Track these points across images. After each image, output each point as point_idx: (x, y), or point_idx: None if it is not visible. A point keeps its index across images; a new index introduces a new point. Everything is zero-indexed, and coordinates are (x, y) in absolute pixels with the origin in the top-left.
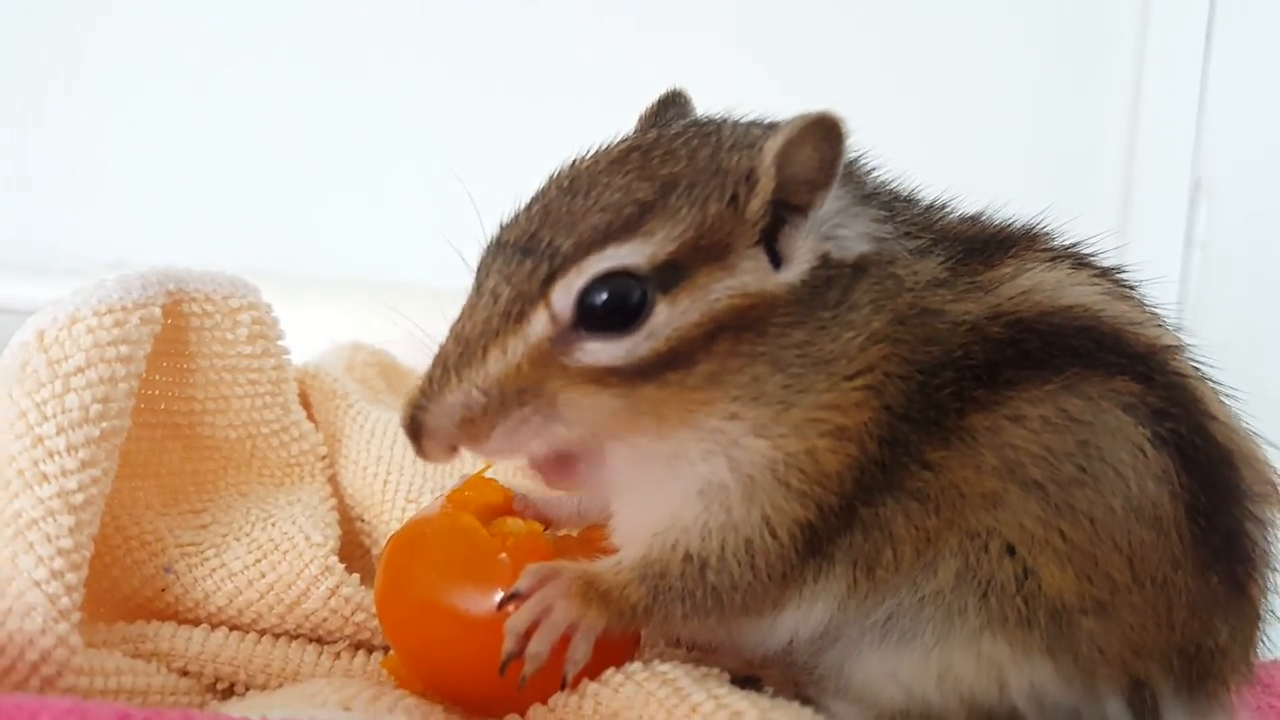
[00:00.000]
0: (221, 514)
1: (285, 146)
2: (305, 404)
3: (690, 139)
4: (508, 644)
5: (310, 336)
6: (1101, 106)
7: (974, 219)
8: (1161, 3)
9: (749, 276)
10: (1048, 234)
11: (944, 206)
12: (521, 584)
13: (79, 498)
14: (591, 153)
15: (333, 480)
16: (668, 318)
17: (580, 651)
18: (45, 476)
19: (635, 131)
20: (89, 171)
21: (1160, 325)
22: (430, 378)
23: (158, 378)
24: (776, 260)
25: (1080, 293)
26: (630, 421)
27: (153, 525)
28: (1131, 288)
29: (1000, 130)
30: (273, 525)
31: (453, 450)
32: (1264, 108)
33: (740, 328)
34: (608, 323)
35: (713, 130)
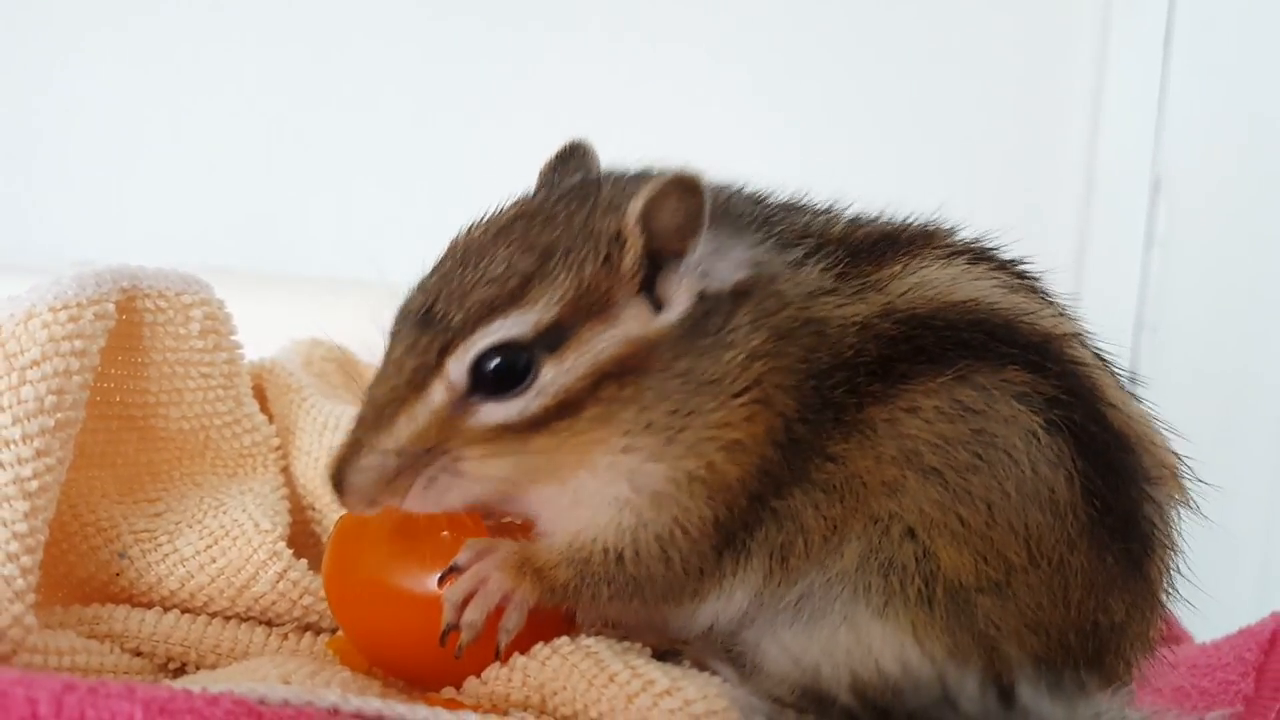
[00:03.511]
0: (175, 502)
1: (254, 147)
2: (261, 397)
3: (570, 202)
4: (446, 615)
5: (277, 333)
6: (1062, 105)
7: (865, 220)
8: (1122, 3)
9: (631, 324)
10: (947, 231)
11: (829, 211)
12: (460, 558)
13: (34, 484)
14: (486, 220)
15: (285, 471)
16: (554, 376)
17: (513, 621)
18: (1, 465)
19: (532, 190)
20: (56, 170)
21: (1058, 314)
22: (350, 439)
23: (113, 371)
24: (658, 304)
25: (974, 287)
26: (529, 473)
27: (108, 513)
28: (1032, 279)
29: (960, 129)
30: (224, 513)
31: (373, 504)
32: (1223, 106)
33: (623, 372)
34: (498, 387)
35: (591, 192)
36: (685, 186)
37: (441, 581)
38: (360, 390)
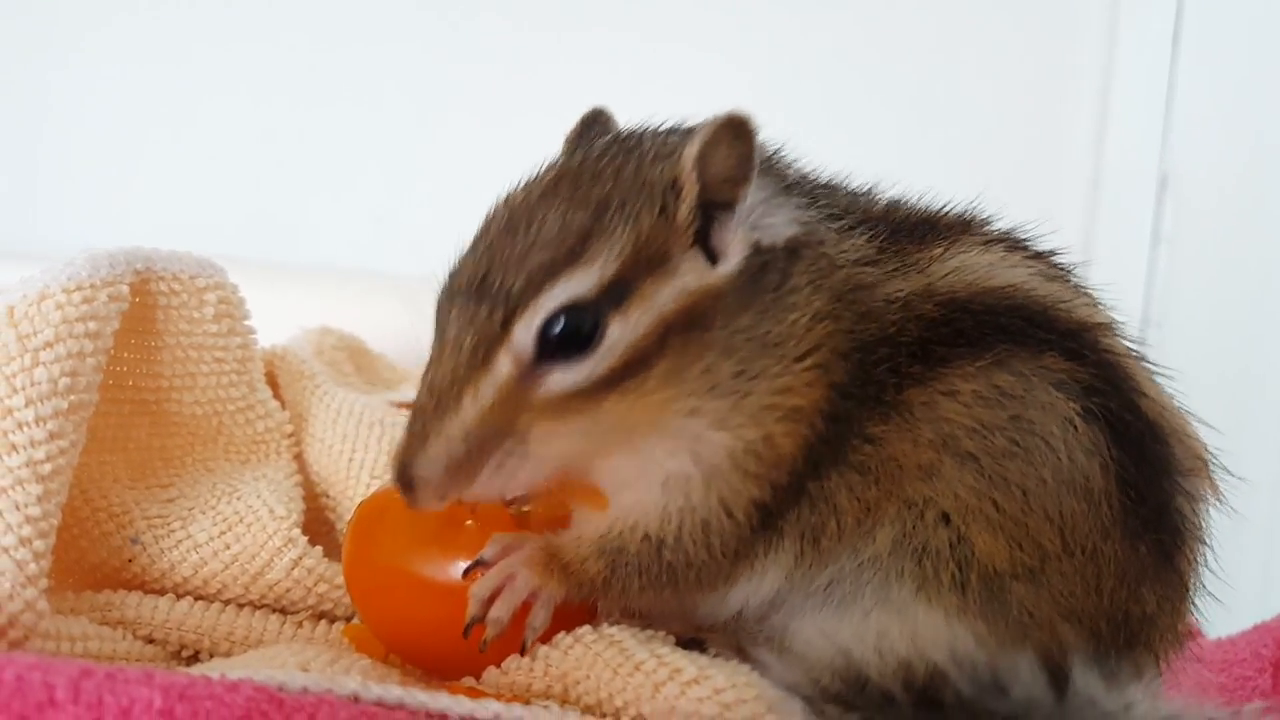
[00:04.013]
0: (188, 488)
1: (261, 139)
2: (273, 384)
3: (614, 157)
4: (471, 609)
5: (285, 322)
6: (1069, 102)
7: (903, 204)
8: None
9: (690, 276)
10: (984, 219)
11: (869, 192)
12: (486, 552)
13: (46, 468)
14: (521, 186)
15: (298, 458)
16: (621, 333)
17: (539, 619)
18: (14, 447)
19: (561, 155)
20: (63, 162)
21: (1092, 304)
22: (411, 431)
23: (126, 355)
24: (713, 257)
25: (1012, 274)
26: (600, 441)
27: (120, 498)
28: (1065, 270)
29: (968, 126)
30: (238, 499)
31: (443, 499)
32: (1231, 103)
33: (688, 326)
34: (567, 351)
35: (634, 145)
36: (737, 129)
37: (467, 574)
38: (370, 379)
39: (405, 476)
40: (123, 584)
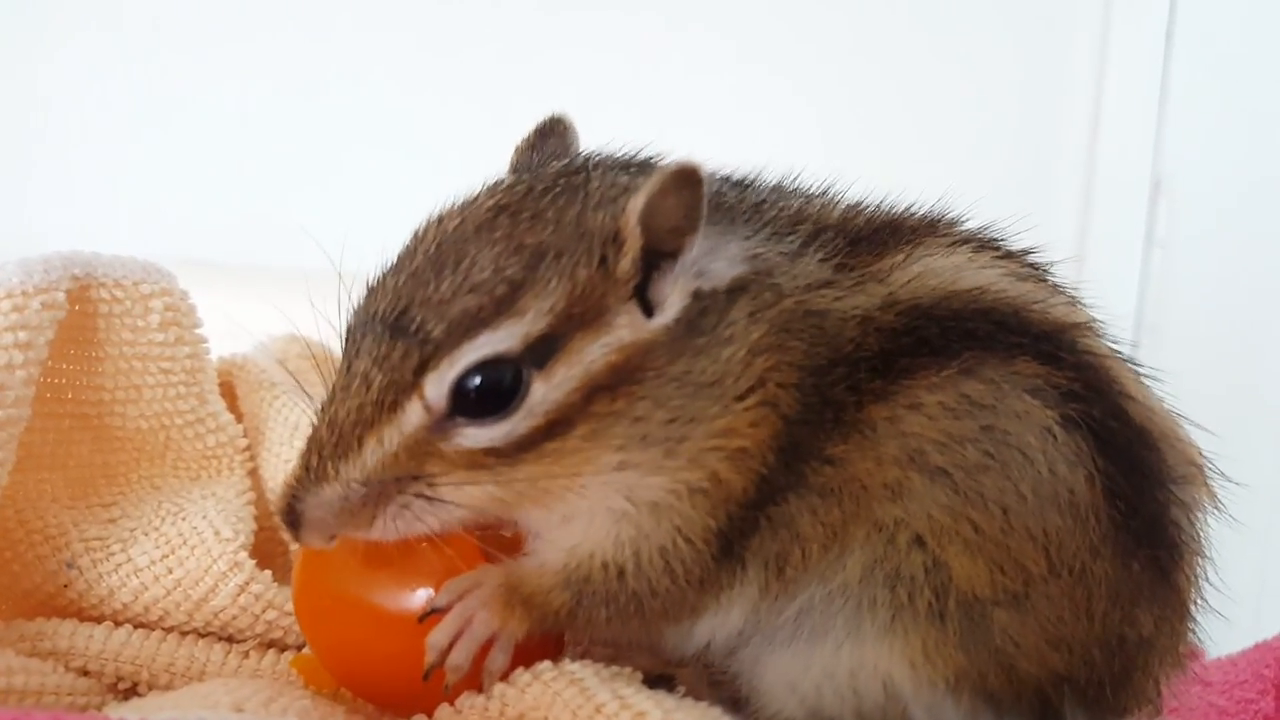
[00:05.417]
0: (132, 508)
1: (238, 141)
2: (231, 395)
3: (558, 196)
4: (429, 657)
5: (264, 328)
6: (1062, 106)
7: (863, 208)
8: (1123, 2)
9: (624, 331)
10: (950, 220)
11: (825, 195)
12: (440, 599)
13: None
14: (458, 209)
15: (254, 473)
16: (544, 394)
17: (498, 662)
18: None
19: (508, 175)
20: (45, 163)
21: (1070, 303)
22: (306, 466)
23: (64, 366)
24: (649, 308)
25: (980, 275)
26: (514, 497)
27: (58, 519)
28: (1040, 268)
29: (961, 129)
30: (183, 519)
31: (332, 540)
32: (1224, 106)
33: (616, 382)
34: (483, 409)
35: (580, 183)
36: (686, 180)
37: (423, 620)
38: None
39: (292, 515)
40: (57, 611)
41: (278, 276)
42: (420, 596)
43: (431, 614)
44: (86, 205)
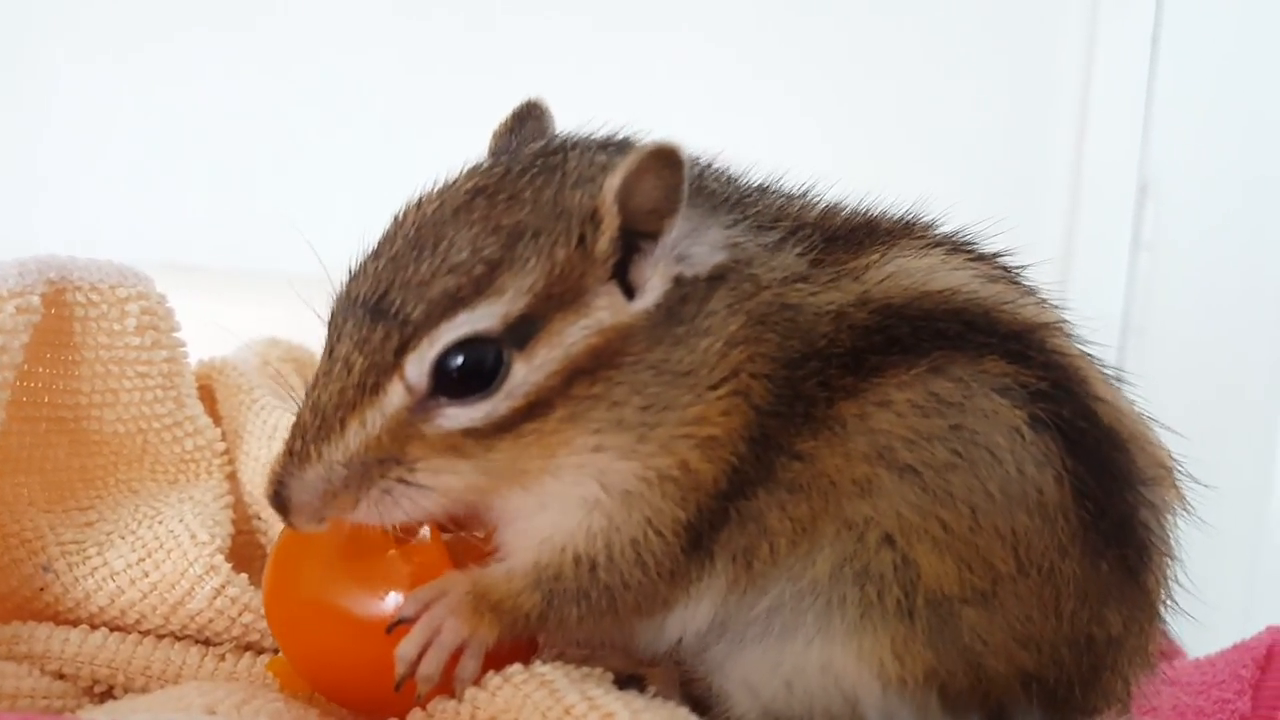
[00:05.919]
0: (108, 511)
1: (223, 144)
2: (210, 399)
3: (535, 176)
4: (399, 669)
5: (252, 332)
6: (1048, 109)
7: (841, 208)
8: (1109, 5)
9: (604, 313)
10: (925, 223)
11: (805, 195)
12: (407, 609)
13: None
14: (437, 192)
15: (232, 477)
16: (525, 374)
17: (469, 670)
18: None
19: (485, 158)
20: (24, 166)
21: (1040, 304)
22: (290, 450)
23: (40, 370)
24: (630, 290)
25: (952, 277)
26: (492, 479)
27: (34, 522)
28: (1012, 270)
29: (947, 132)
30: (159, 523)
31: (321, 521)
32: (1210, 110)
33: (596, 366)
34: (464, 388)
35: (557, 163)
36: (666, 160)
37: (391, 630)
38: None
39: (279, 499)
40: (33, 615)
41: (260, 280)
42: (390, 603)
43: (399, 624)
44: (65, 209)
